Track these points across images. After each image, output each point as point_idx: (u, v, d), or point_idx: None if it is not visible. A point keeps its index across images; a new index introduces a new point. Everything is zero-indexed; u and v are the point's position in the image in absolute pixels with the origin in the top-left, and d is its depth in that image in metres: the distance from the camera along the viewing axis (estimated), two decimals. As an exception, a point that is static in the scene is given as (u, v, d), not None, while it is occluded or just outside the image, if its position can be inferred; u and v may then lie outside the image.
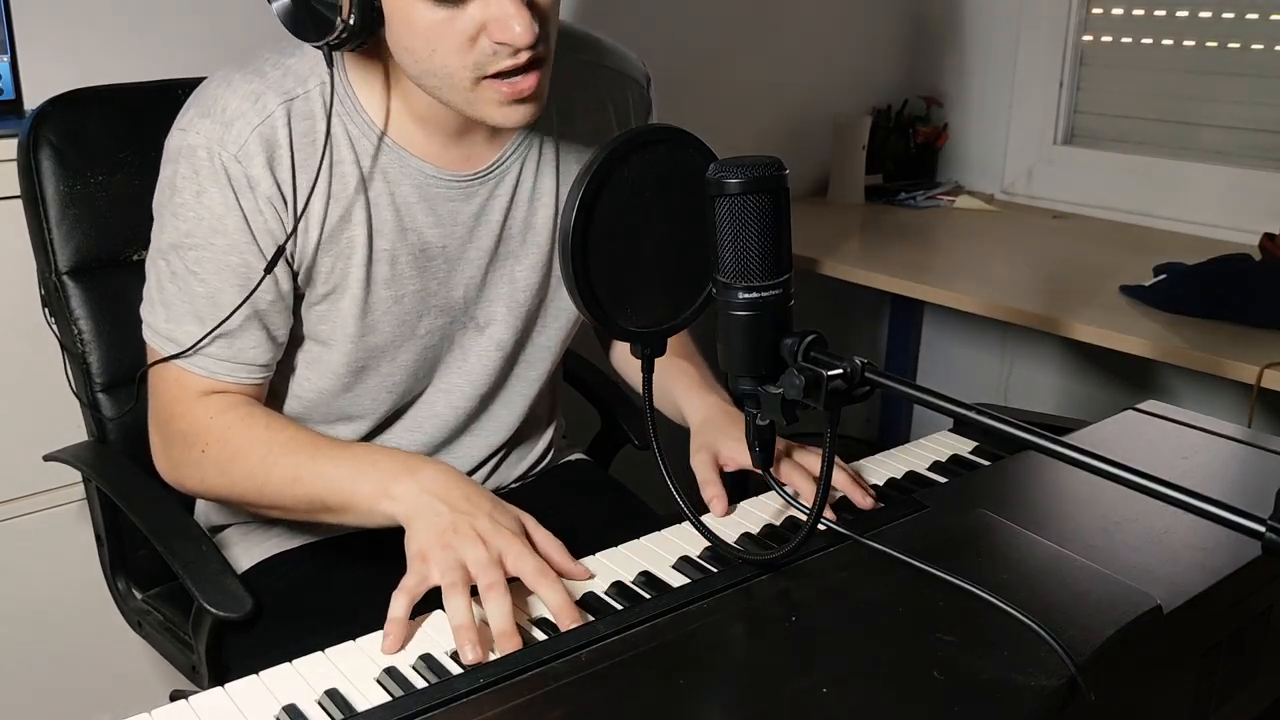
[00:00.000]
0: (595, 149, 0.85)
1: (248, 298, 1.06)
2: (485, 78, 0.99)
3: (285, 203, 1.06)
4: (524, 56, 0.98)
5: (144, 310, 1.12)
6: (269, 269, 1.06)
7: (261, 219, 1.06)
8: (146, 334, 1.12)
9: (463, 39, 0.97)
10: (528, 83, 1.00)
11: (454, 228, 1.15)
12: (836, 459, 1.02)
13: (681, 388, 1.24)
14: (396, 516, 0.97)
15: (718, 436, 1.13)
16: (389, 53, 1.04)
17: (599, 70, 1.23)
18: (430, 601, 0.90)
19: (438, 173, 1.12)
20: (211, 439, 1.08)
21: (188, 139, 1.05)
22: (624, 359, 1.40)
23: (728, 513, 1.05)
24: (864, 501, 1.04)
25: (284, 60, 1.08)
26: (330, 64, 1.04)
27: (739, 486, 1.13)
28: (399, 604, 0.87)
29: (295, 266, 1.10)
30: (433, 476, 0.98)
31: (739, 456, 1.08)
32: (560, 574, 0.92)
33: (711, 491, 1.07)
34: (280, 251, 1.07)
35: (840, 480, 1.06)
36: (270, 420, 1.09)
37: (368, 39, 1.00)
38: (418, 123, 1.10)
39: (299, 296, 1.12)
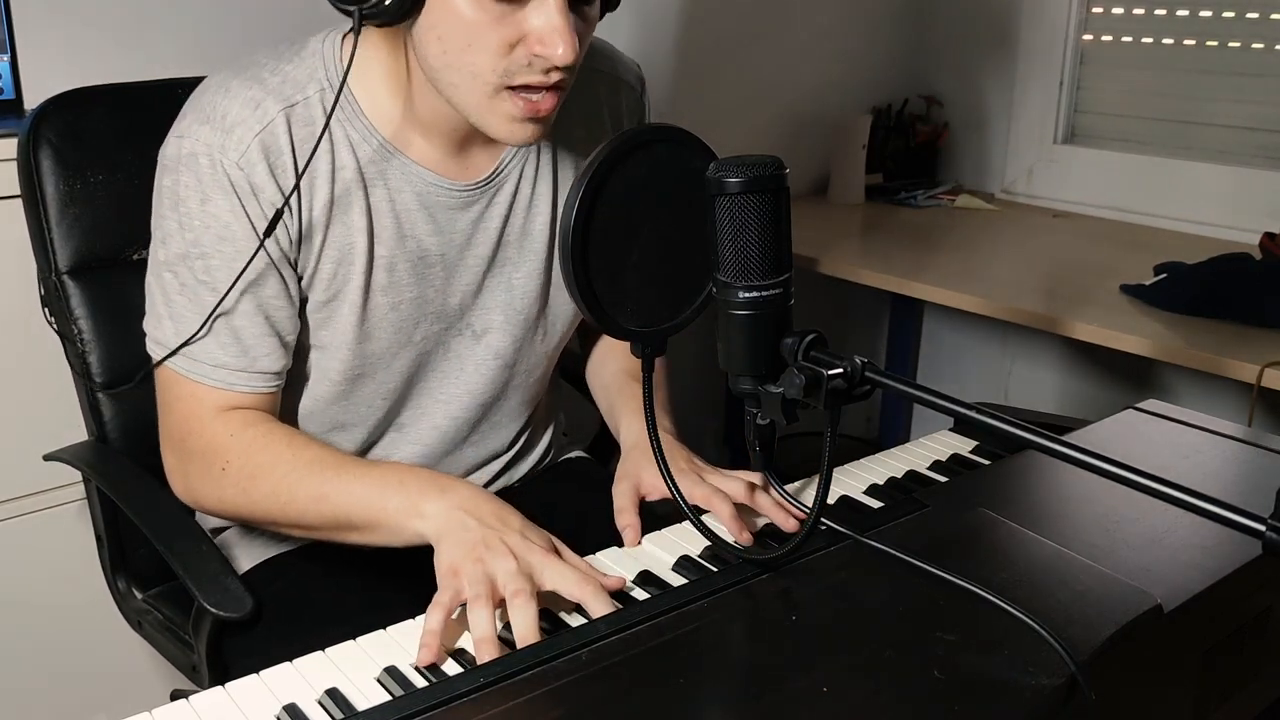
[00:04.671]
0: (594, 150, 0.85)
1: (240, 275, 1.04)
2: (508, 88, 0.99)
3: (290, 209, 1.06)
4: (554, 76, 0.98)
5: (149, 325, 1.11)
6: (261, 243, 1.04)
7: (267, 225, 1.05)
8: (153, 349, 1.10)
9: (502, 42, 0.97)
10: (548, 104, 1.00)
11: (452, 235, 1.14)
12: (771, 482, 1.01)
13: (625, 410, 1.23)
14: (426, 534, 0.96)
15: (643, 463, 1.12)
16: (404, 49, 1.04)
17: (593, 74, 1.23)
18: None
19: (438, 181, 1.11)
20: (232, 456, 1.07)
21: (186, 146, 1.04)
22: (595, 372, 1.37)
23: (639, 543, 1.03)
24: (787, 524, 1.03)
25: (282, 67, 1.07)
26: (357, 30, 1.00)
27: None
28: (434, 617, 0.86)
29: (300, 271, 1.09)
30: (463, 494, 0.98)
31: (661, 484, 1.07)
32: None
33: (625, 520, 1.05)
34: (276, 220, 1.05)
35: (764, 504, 1.05)
36: (292, 438, 1.08)
37: (397, 21, 0.99)
38: (420, 128, 1.09)
39: (302, 301, 1.12)
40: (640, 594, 0.93)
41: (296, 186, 1.04)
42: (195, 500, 1.13)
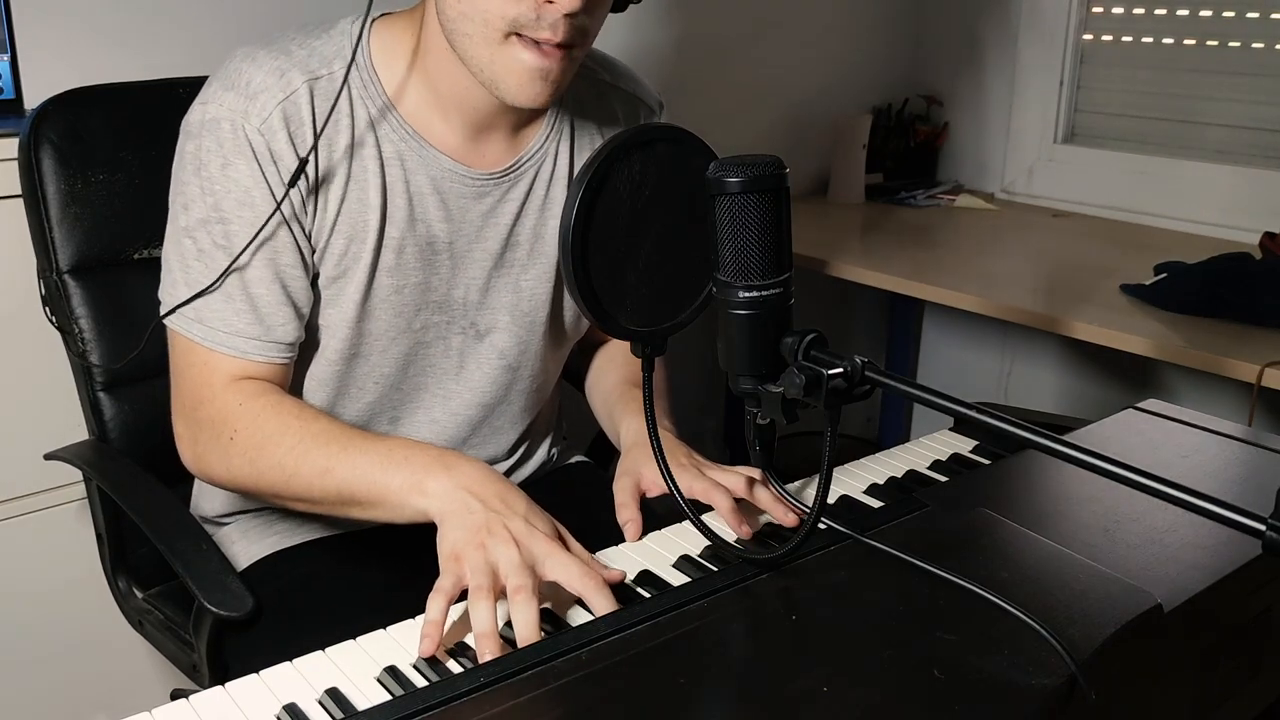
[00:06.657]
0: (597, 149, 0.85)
1: (254, 239, 1.05)
2: (516, 35, 0.99)
3: (306, 177, 1.06)
4: (561, 31, 0.99)
5: (164, 293, 1.10)
6: (278, 205, 1.05)
7: (284, 185, 1.05)
8: (167, 318, 1.09)
9: None
10: (554, 63, 1.01)
11: (462, 225, 1.15)
12: (771, 482, 1.01)
13: (625, 412, 1.23)
14: (429, 513, 0.96)
15: (643, 460, 1.12)
16: (422, 24, 1.05)
17: (614, 90, 1.25)
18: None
19: (454, 167, 1.12)
20: (240, 425, 1.06)
21: (210, 112, 1.05)
22: (595, 384, 1.37)
23: (640, 537, 1.03)
24: (787, 519, 1.04)
25: (310, 41, 1.08)
26: None
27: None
28: (435, 606, 0.86)
29: (313, 244, 1.10)
30: (468, 473, 0.97)
31: (661, 480, 1.07)
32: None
33: (627, 515, 1.05)
34: (294, 182, 1.05)
35: (763, 499, 1.06)
36: (301, 410, 1.08)
37: None
38: (440, 111, 1.10)
39: (314, 276, 1.12)
40: (641, 593, 0.93)
41: (314, 149, 1.05)
42: (203, 470, 1.12)
